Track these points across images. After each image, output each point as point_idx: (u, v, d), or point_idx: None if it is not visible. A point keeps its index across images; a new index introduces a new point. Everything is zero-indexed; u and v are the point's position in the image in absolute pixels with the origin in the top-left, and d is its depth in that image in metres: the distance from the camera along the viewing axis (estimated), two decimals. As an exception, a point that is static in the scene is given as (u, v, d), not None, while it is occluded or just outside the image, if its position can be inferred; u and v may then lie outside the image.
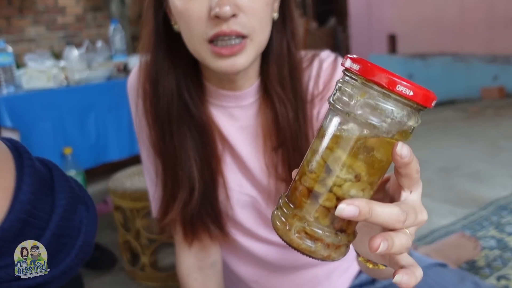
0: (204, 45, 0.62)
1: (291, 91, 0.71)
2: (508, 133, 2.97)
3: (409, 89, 0.35)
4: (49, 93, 2.11)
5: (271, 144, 0.73)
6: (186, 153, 0.71)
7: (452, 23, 4.67)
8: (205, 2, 0.61)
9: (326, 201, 0.38)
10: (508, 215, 1.76)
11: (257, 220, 0.80)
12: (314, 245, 0.39)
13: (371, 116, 0.36)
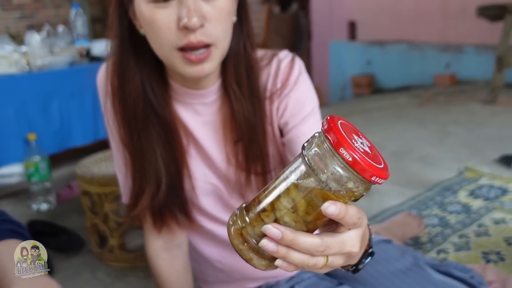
0: (175, 52, 0.67)
1: (248, 89, 0.77)
2: (456, 118, 3.16)
3: (351, 156, 0.40)
4: (11, 79, 2.10)
5: (231, 137, 0.80)
6: (152, 150, 0.77)
7: (408, 12, 4.84)
8: (173, 12, 0.65)
9: (265, 217, 0.45)
10: (451, 195, 1.92)
11: (220, 206, 0.88)
12: (242, 246, 0.46)
13: (320, 167, 0.42)
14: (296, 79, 0.80)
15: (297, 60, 0.83)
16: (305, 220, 0.44)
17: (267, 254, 0.46)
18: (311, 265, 0.45)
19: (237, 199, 0.86)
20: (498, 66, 3.40)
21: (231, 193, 0.86)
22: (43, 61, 2.22)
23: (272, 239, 0.44)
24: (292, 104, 0.80)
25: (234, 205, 0.87)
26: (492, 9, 3.51)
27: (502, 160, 2.26)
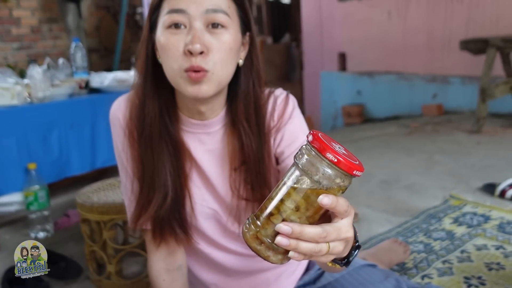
0: (181, 73, 0.77)
1: (256, 126, 0.88)
2: (443, 147, 3.27)
3: (335, 158, 0.53)
4: (13, 110, 2.18)
5: (233, 165, 0.89)
6: (162, 164, 0.86)
7: (396, 45, 5.02)
8: (182, 39, 0.76)
9: (274, 219, 0.56)
10: (436, 223, 2.00)
11: (218, 230, 0.95)
12: (259, 246, 0.57)
13: (314, 172, 0.54)
14: (290, 113, 0.91)
15: (291, 96, 0.94)
16: (307, 215, 0.56)
17: (281, 249, 0.56)
18: (317, 251, 0.55)
19: (236, 225, 0.94)
20: (481, 97, 3.54)
21: (230, 219, 0.93)
22: (44, 93, 2.31)
23: (284, 235, 0.54)
24: (288, 135, 0.90)
25: (232, 230, 0.94)
26: (474, 43, 3.67)
27: (485, 189, 2.35)
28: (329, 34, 5.62)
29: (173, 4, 0.77)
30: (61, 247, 2.04)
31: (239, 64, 0.85)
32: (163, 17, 0.78)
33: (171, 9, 0.77)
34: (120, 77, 2.73)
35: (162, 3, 0.79)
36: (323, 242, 0.56)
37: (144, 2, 5.22)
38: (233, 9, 0.81)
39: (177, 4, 0.76)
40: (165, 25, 0.77)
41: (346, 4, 5.37)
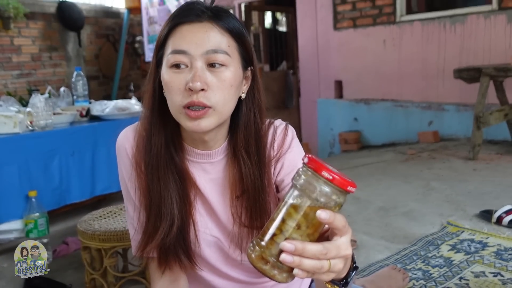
0: (181, 109, 0.81)
1: (256, 156, 0.91)
2: (439, 174, 3.30)
3: (331, 176, 0.57)
4: (15, 138, 2.21)
5: (235, 193, 0.92)
6: (168, 193, 0.88)
7: (391, 73, 5.11)
8: (183, 78, 0.80)
9: (277, 239, 0.60)
10: (434, 250, 2.02)
11: (221, 258, 0.97)
12: (265, 266, 0.60)
13: (312, 191, 0.58)
14: (289, 143, 0.95)
15: (290, 127, 0.98)
16: (307, 233, 0.60)
17: (285, 267, 0.60)
18: (319, 267, 0.58)
19: (237, 252, 0.96)
20: (476, 124, 3.59)
21: (232, 246, 0.95)
22: (46, 121, 2.34)
23: (288, 252, 0.57)
24: (287, 164, 0.93)
25: (234, 257, 0.96)
26: (468, 72, 3.75)
27: (482, 215, 2.37)
28: (326, 62, 5.72)
29: (176, 45, 0.81)
30: (60, 275, 2.04)
31: (241, 97, 0.89)
32: (167, 56, 0.82)
33: (174, 50, 0.81)
34: (120, 105, 2.78)
35: (167, 42, 0.84)
36: (324, 259, 0.58)
37: (144, 32, 5.32)
38: (233, 48, 0.84)
39: (179, 45, 0.81)
40: (169, 64, 0.82)
41: (342, 33, 5.49)
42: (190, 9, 0.83)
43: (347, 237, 0.62)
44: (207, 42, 0.81)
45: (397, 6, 5.00)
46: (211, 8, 0.85)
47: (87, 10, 6.28)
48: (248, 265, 0.97)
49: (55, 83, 5.73)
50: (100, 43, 6.59)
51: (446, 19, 4.66)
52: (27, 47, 5.71)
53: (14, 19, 5.21)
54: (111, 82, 6.60)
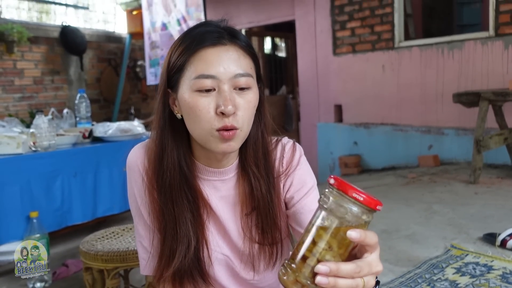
0: (213, 132, 0.81)
1: (264, 170, 0.91)
2: (441, 198, 3.29)
3: (360, 196, 0.59)
4: (18, 158, 2.21)
5: (245, 210, 0.92)
6: (183, 215, 0.88)
7: (390, 97, 5.15)
8: (212, 101, 0.80)
9: (310, 261, 0.60)
10: (439, 273, 2.00)
11: (231, 278, 0.96)
12: None
13: (341, 211, 0.59)
14: (298, 160, 0.95)
15: (297, 144, 0.99)
16: (339, 253, 0.61)
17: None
18: (354, 286, 0.59)
19: (247, 271, 0.94)
20: (476, 148, 3.61)
21: (242, 265, 0.95)
22: (49, 142, 2.35)
23: (323, 274, 0.58)
24: (297, 181, 0.94)
25: (244, 277, 0.95)
26: (467, 96, 3.79)
27: (486, 238, 2.35)
28: (325, 86, 5.77)
29: (202, 69, 0.81)
30: (60, 298, 2.01)
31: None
32: (191, 80, 0.81)
33: (201, 75, 0.81)
34: (123, 127, 2.79)
35: (186, 65, 0.83)
36: (358, 277, 0.60)
37: (145, 56, 5.38)
38: (253, 68, 0.86)
39: (206, 70, 0.80)
40: (194, 89, 0.81)
41: (341, 58, 5.56)
42: (208, 32, 0.83)
43: (377, 253, 0.63)
44: (234, 66, 0.82)
45: (395, 32, 5.08)
46: (226, 28, 0.86)
47: (89, 34, 6.37)
48: (258, 284, 0.96)
49: (56, 106, 5.74)
50: (101, 67, 6.66)
51: (444, 45, 4.73)
52: (29, 70, 5.77)
53: (18, 43, 5.27)
54: (112, 105, 6.64)
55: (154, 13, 5.17)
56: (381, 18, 5.18)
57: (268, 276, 0.96)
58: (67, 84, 6.22)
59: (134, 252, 1.59)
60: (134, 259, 1.59)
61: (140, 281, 2.05)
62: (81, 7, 6.73)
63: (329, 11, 5.61)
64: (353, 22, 5.41)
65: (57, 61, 6.04)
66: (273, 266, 0.94)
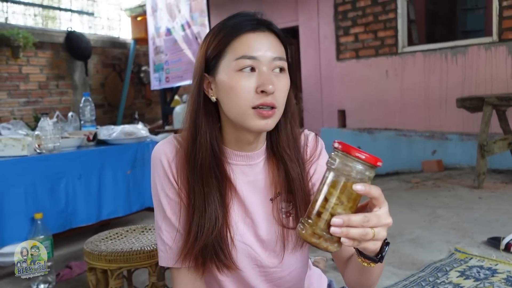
0: (250, 110, 0.86)
1: (295, 152, 0.96)
2: (445, 202, 3.28)
3: (363, 155, 0.68)
4: (23, 160, 2.22)
5: (271, 194, 0.96)
6: (212, 194, 0.91)
7: (394, 103, 5.16)
8: (253, 81, 0.86)
9: (324, 215, 0.69)
10: (442, 276, 1.99)
11: (251, 266, 0.95)
12: (318, 240, 0.69)
13: (347, 169, 0.68)
14: (321, 150, 1.01)
15: (319, 137, 1.04)
16: (349, 206, 0.69)
17: (335, 238, 0.69)
18: (364, 234, 0.68)
19: (271, 258, 0.96)
20: (480, 153, 3.60)
21: (264, 251, 0.95)
22: (54, 144, 2.36)
23: (337, 225, 0.67)
24: (319, 169, 0.98)
25: (266, 264, 0.96)
26: (470, 101, 3.79)
27: (490, 242, 2.35)
28: (329, 91, 5.78)
29: (244, 51, 0.86)
30: (64, 299, 2.01)
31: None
32: (231, 62, 0.87)
33: (243, 55, 0.86)
34: (127, 130, 2.80)
35: (227, 49, 0.88)
36: (367, 226, 0.68)
37: (150, 61, 5.40)
38: (285, 54, 0.92)
39: (249, 52, 0.86)
40: (236, 69, 0.86)
41: (345, 63, 5.58)
42: (246, 20, 0.89)
43: (386, 208, 0.71)
44: (273, 51, 0.88)
45: (398, 38, 5.10)
46: (262, 19, 0.91)
47: (94, 40, 6.42)
48: (279, 273, 0.96)
49: (61, 111, 5.74)
50: (106, 72, 6.70)
51: (448, 50, 4.74)
52: (35, 75, 5.82)
53: (24, 48, 5.32)
54: (116, 110, 6.68)
55: (159, 18, 5.20)
56: (384, 23, 5.20)
57: (290, 263, 0.97)
58: (72, 89, 6.26)
59: (138, 253, 1.59)
60: (138, 259, 1.59)
61: (144, 282, 2.05)
62: (86, 13, 6.79)
63: (332, 17, 5.63)
64: (357, 28, 5.43)
65: (62, 66, 6.09)
66: (300, 247, 0.97)
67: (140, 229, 1.87)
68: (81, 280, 2.31)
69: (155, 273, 1.61)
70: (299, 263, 1.00)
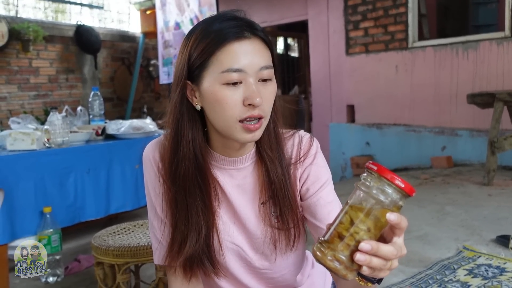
0: (236, 123, 0.84)
1: (277, 153, 0.94)
2: (453, 199, 3.26)
3: (402, 183, 0.62)
4: (32, 154, 2.23)
5: (259, 197, 0.94)
6: (195, 204, 0.90)
7: (403, 98, 5.12)
8: (239, 94, 0.83)
9: (349, 241, 0.64)
10: (450, 274, 1.98)
11: (242, 267, 0.96)
12: (339, 266, 0.64)
13: (380, 195, 0.63)
14: (315, 153, 0.98)
15: (314, 139, 1.01)
16: (375, 234, 0.64)
17: (355, 266, 0.64)
18: (384, 264, 0.63)
19: (261, 260, 0.96)
20: (491, 150, 3.56)
21: (255, 253, 0.96)
22: (63, 138, 2.37)
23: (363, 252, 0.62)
24: (313, 174, 0.96)
25: (257, 265, 0.96)
26: (481, 97, 3.74)
27: (499, 241, 2.33)
28: (338, 86, 5.75)
29: (229, 64, 0.83)
30: (72, 292, 2.03)
31: None
32: (218, 74, 0.84)
33: (228, 69, 0.83)
34: (135, 125, 2.81)
35: (211, 58, 0.84)
36: (393, 258, 0.64)
37: (159, 55, 5.41)
38: (271, 59, 0.89)
39: (234, 64, 0.83)
40: (221, 82, 0.84)
41: (354, 58, 5.54)
42: (230, 26, 0.85)
43: (403, 237, 0.67)
44: (259, 59, 0.85)
45: (409, 32, 5.05)
46: (244, 21, 0.87)
47: (104, 34, 6.43)
48: (271, 274, 0.97)
49: (70, 104, 5.80)
50: (115, 66, 6.71)
51: (459, 45, 4.68)
52: (45, 69, 5.84)
53: (34, 42, 5.34)
54: (125, 104, 6.69)
55: (168, 12, 5.20)
56: (394, 18, 5.15)
57: (281, 265, 0.97)
58: (81, 82, 6.29)
59: (145, 248, 1.60)
60: (145, 254, 1.60)
61: (151, 277, 2.06)
62: (95, 7, 6.80)
63: (342, 11, 5.59)
64: (367, 22, 5.39)
65: (72, 59, 6.11)
66: (291, 249, 0.96)
67: (147, 224, 1.87)
68: (89, 273, 2.33)
69: (161, 269, 1.62)
70: (292, 266, 1.00)
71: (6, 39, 5.09)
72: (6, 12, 5.63)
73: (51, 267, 2.21)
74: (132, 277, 1.84)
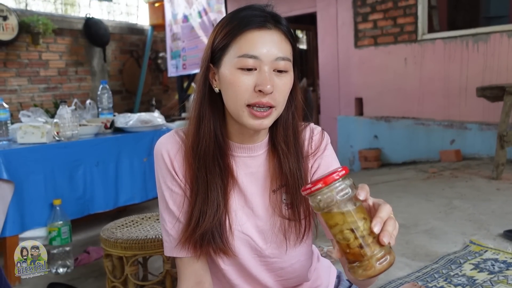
0: (244, 107, 0.87)
1: (294, 148, 0.96)
2: (461, 193, 3.25)
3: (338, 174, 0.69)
4: (42, 147, 2.27)
5: (272, 186, 0.97)
6: (214, 181, 0.93)
7: (412, 91, 5.08)
8: (252, 79, 0.86)
9: (367, 240, 0.68)
10: (456, 268, 1.98)
11: (250, 255, 0.97)
12: (381, 264, 0.68)
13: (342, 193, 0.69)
14: (325, 145, 1.02)
15: (325, 131, 1.04)
16: (369, 216, 0.70)
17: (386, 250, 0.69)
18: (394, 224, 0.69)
19: (271, 249, 0.97)
20: (500, 144, 3.54)
21: (264, 242, 0.97)
22: (72, 132, 2.40)
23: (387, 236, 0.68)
24: (324, 164, 1.00)
25: (266, 254, 0.98)
26: (491, 90, 3.71)
27: (506, 235, 2.32)
28: (346, 79, 5.72)
29: (247, 49, 0.86)
30: (81, 283, 2.07)
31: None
32: (234, 58, 0.87)
33: (245, 54, 0.86)
34: (144, 118, 2.83)
35: (231, 44, 0.88)
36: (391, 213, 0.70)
37: (167, 48, 5.42)
38: (291, 54, 0.91)
39: (250, 50, 0.86)
40: (237, 66, 0.87)
41: (363, 50, 5.51)
42: (254, 15, 0.88)
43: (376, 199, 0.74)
44: (276, 50, 0.87)
45: (418, 24, 5.00)
46: (270, 13, 0.90)
47: (112, 26, 6.45)
48: (280, 264, 0.98)
49: (79, 97, 5.87)
50: (124, 58, 6.74)
51: (469, 38, 4.64)
52: (54, 61, 5.89)
53: (43, 35, 5.37)
54: (134, 96, 6.73)
55: (176, 5, 5.20)
56: (404, 10, 5.10)
57: (292, 255, 0.98)
58: (91, 75, 6.33)
59: (153, 240, 1.62)
60: (153, 247, 1.63)
61: (159, 269, 2.09)
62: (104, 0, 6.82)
63: (351, 3, 5.55)
64: (376, 14, 5.35)
65: (81, 52, 6.14)
66: (301, 240, 0.97)
67: (155, 217, 1.90)
68: (98, 264, 2.36)
69: (169, 261, 1.64)
70: (302, 256, 1.01)
71: (16, 32, 5.13)
72: (16, 5, 5.66)
73: (61, 259, 2.25)
74: (140, 269, 1.87)
